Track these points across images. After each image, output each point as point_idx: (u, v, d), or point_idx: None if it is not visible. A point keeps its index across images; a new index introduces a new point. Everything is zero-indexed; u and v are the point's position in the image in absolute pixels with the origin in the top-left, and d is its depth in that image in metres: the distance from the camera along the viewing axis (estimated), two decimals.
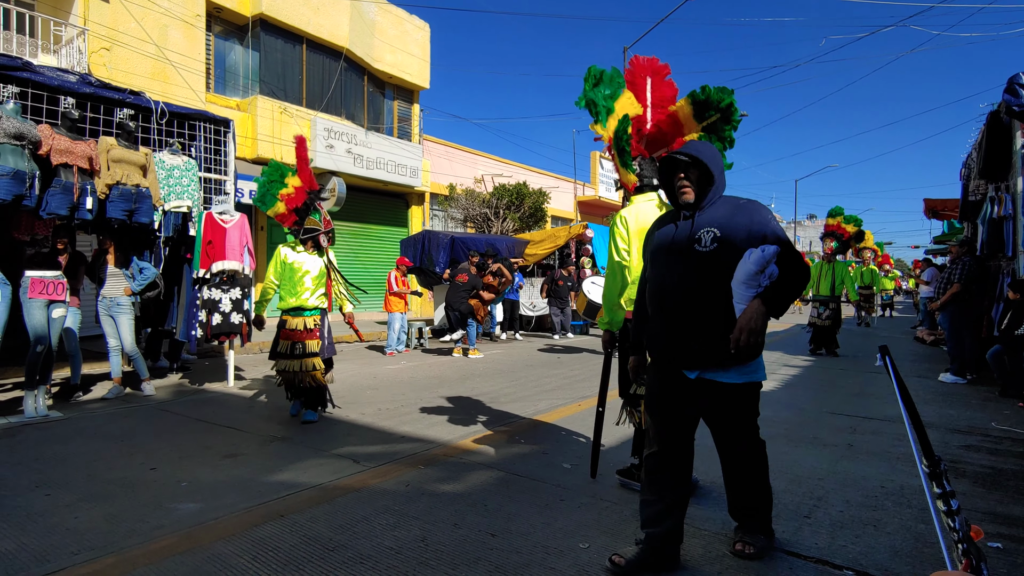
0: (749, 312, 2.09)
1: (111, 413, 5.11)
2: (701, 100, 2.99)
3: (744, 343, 2.08)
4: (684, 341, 2.28)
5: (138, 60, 10.25)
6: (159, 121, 6.29)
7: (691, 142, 2.34)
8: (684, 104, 3.07)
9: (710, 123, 3.03)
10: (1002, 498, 3.22)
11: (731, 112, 2.98)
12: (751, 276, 2.07)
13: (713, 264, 2.22)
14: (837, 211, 9.99)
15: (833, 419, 5.01)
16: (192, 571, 2.35)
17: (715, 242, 2.23)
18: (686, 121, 3.09)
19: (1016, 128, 7.01)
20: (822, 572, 2.38)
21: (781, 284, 2.11)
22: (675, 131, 3.16)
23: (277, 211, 5.18)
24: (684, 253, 2.28)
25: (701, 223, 2.29)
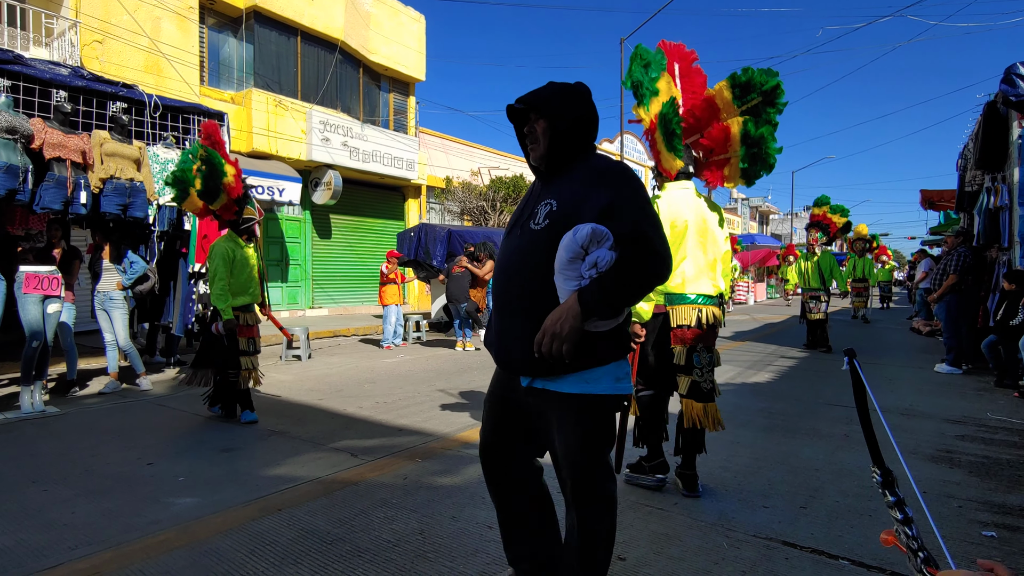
0: (559, 312, 1.58)
1: (108, 408, 5.10)
2: (742, 82, 2.86)
3: (547, 351, 1.57)
4: (509, 338, 1.76)
5: (131, 53, 10.16)
6: (153, 115, 6.25)
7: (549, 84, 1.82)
8: (723, 87, 2.96)
9: (751, 106, 2.90)
10: (996, 487, 3.24)
11: (775, 95, 2.84)
12: (566, 265, 1.60)
13: (543, 246, 1.67)
14: (823, 200, 9.58)
15: (830, 410, 5.03)
16: (189, 565, 2.35)
17: (547, 218, 1.69)
18: (724, 106, 2.97)
19: (1013, 118, 7.00)
20: (818, 562, 2.39)
21: (609, 278, 1.55)
22: (711, 115, 3.05)
23: (195, 205, 4.86)
24: (521, 230, 1.78)
25: (546, 193, 1.77)
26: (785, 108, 2.87)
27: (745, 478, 3.36)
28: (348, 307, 14.94)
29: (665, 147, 3.01)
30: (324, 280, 14.42)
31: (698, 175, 3.23)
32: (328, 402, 5.34)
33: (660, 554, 2.45)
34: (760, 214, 51.70)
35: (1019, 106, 6.77)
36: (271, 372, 6.97)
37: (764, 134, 2.87)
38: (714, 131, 3.01)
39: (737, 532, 2.66)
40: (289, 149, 12.49)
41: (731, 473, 3.44)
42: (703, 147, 3.10)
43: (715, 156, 3.08)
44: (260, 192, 11.46)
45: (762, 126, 2.85)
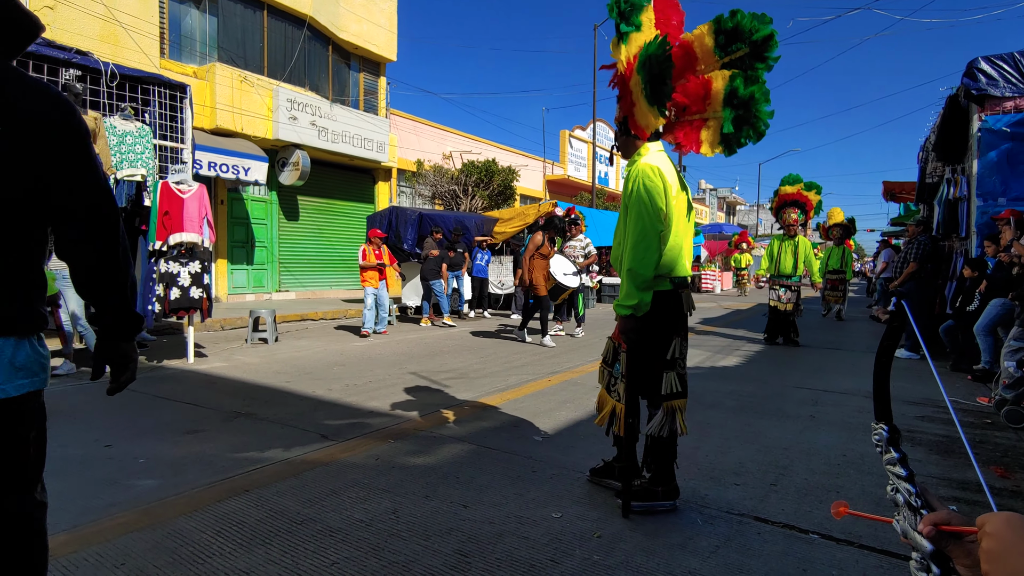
0: None
1: (62, 390, 4.88)
2: (729, 28, 2.33)
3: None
4: None
5: (85, 21, 9.66)
6: (109, 84, 5.94)
7: None
8: (705, 33, 2.40)
9: (735, 58, 2.37)
10: (955, 464, 3.35)
11: (767, 47, 2.31)
12: None
13: None
14: (794, 179, 8.34)
15: (796, 392, 5.14)
16: (152, 547, 2.25)
17: None
18: (704, 55, 2.43)
19: (974, 112, 7.21)
20: (789, 536, 2.43)
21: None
22: (686, 65, 2.48)
23: None
24: None
25: None
26: (776, 62, 2.37)
27: (716, 457, 3.40)
28: (316, 291, 14.65)
29: (646, 97, 2.49)
30: (291, 263, 14.10)
31: (666, 136, 2.70)
32: (296, 384, 5.21)
33: (635, 530, 2.46)
34: (727, 204, 52.61)
35: (980, 100, 6.98)
36: (236, 355, 6.79)
37: (755, 93, 2.36)
38: (691, 85, 2.48)
39: (710, 508, 2.69)
40: (255, 127, 12.11)
41: (703, 452, 3.48)
42: (676, 103, 2.55)
43: (688, 115, 2.55)
44: (225, 171, 11.11)
45: (751, 84, 2.35)
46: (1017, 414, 4.17)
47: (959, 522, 0.73)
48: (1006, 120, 6.64)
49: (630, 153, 2.75)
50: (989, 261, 6.15)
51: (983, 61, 6.94)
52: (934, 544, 0.73)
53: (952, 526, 0.73)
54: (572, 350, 7.45)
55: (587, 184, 22.37)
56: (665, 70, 2.41)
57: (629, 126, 2.70)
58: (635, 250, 2.49)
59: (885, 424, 0.93)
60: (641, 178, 2.53)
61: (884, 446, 0.94)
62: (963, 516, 0.74)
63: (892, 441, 0.90)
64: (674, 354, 2.66)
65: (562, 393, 4.96)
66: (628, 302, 2.53)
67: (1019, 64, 6.80)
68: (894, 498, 0.88)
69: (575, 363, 6.44)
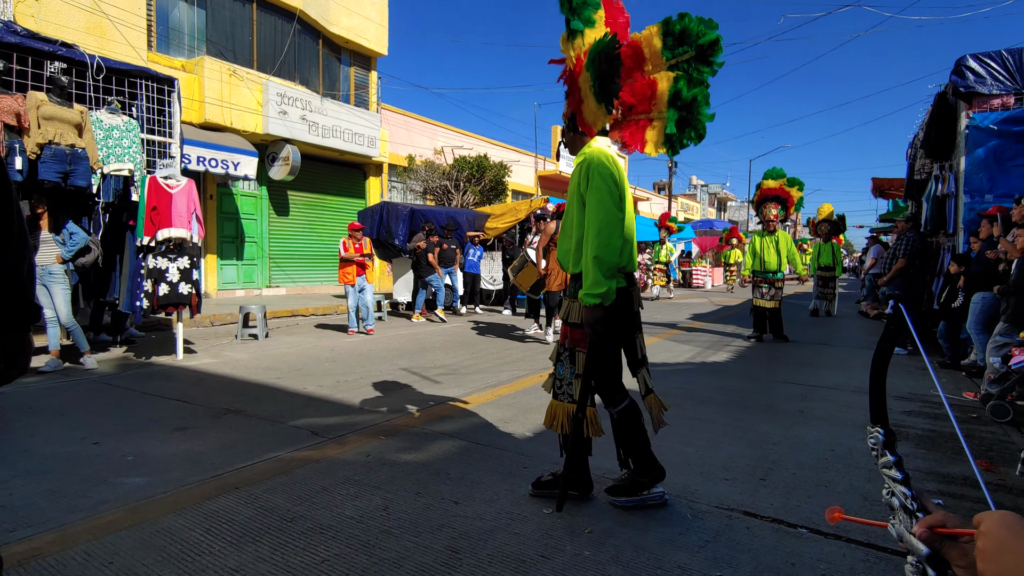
0: None
1: (49, 387, 4.83)
2: (677, 31, 2.35)
3: None
4: None
5: (71, 12, 9.52)
6: (95, 77, 5.87)
7: None
8: (653, 34, 2.41)
9: (681, 60, 2.40)
10: (941, 458, 3.39)
11: (712, 51, 2.35)
12: None
13: None
14: (777, 173, 8.07)
15: (785, 387, 5.18)
16: (140, 545, 2.24)
17: None
18: (652, 56, 2.44)
19: (962, 109, 7.27)
20: (778, 531, 2.45)
21: None
22: (634, 65, 2.49)
23: None
24: None
25: None
26: (720, 69, 2.40)
27: (706, 452, 3.42)
28: (307, 287, 14.57)
29: (595, 94, 2.45)
30: (282, 259, 14.01)
31: (611, 134, 2.68)
32: (286, 381, 5.19)
33: (625, 525, 2.47)
34: (719, 200, 52.80)
35: (968, 97, 7.03)
36: (226, 351, 6.74)
37: (697, 96, 2.40)
38: (638, 85, 2.49)
39: (700, 503, 2.71)
40: (244, 121, 12.00)
41: (693, 448, 3.50)
42: (623, 102, 2.55)
43: (635, 114, 2.55)
44: (214, 165, 11.01)
45: (695, 87, 2.39)
46: (1002, 408, 4.22)
47: (955, 524, 0.73)
48: (993, 117, 6.70)
49: (577, 149, 2.73)
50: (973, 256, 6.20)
51: (971, 59, 7.00)
52: (929, 547, 0.73)
53: (948, 528, 0.72)
54: None
55: None
56: (614, 67, 2.38)
57: (577, 123, 2.65)
58: (600, 236, 2.40)
59: (881, 427, 0.93)
60: (598, 165, 2.46)
61: (880, 449, 0.94)
62: (959, 518, 0.74)
63: (888, 444, 0.90)
64: (643, 351, 2.76)
65: None
66: (597, 290, 2.39)
67: (1006, 62, 6.86)
68: (889, 502, 0.88)
69: None
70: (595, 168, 2.46)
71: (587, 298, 2.42)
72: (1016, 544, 0.59)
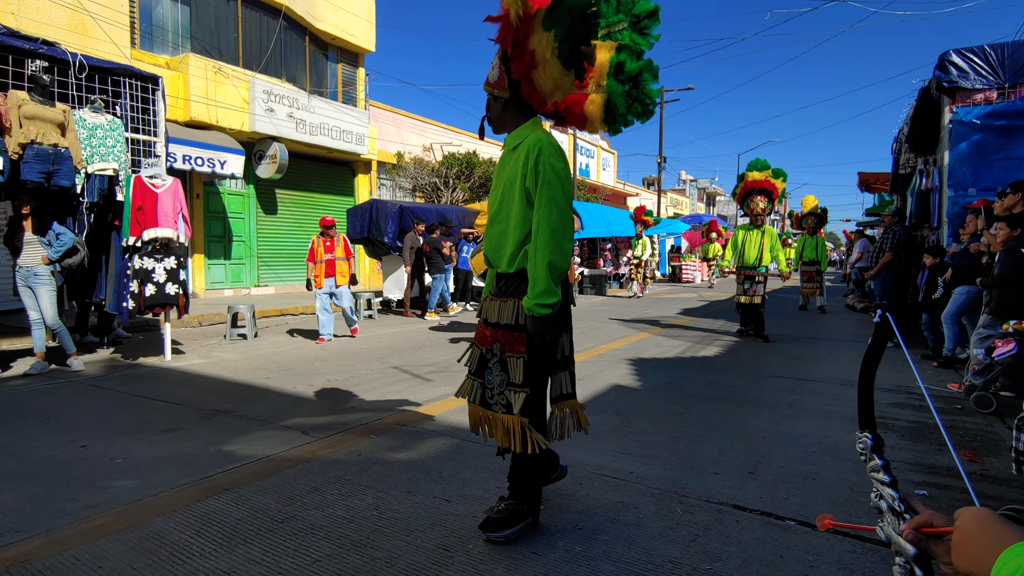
0: None
1: (35, 390, 4.78)
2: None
3: None
4: None
5: (52, 9, 9.37)
6: (78, 75, 5.79)
7: None
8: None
9: (615, 31, 2.22)
10: (927, 449, 3.44)
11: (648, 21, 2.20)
12: None
13: None
14: (762, 164, 7.65)
15: (774, 381, 5.23)
16: (130, 549, 2.22)
17: None
18: None
19: (945, 103, 7.35)
20: (767, 523, 2.48)
21: None
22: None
23: None
24: None
25: None
26: (657, 41, 2.24)
27: (696, 447, 3.45)
28: (296, 285, 14.49)
29: (562, 59, 2.12)
30: (270, 257, 13.91)
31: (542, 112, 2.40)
32: (276, 381, 5.17)
33: (617, 521, 2.49)
34: (708, 195, 53.05)
35: (951, 91, 7.11)
36: (215, 351, 6.70)
37: (643, 70, 2.23)
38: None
39: (690, 498, 2.73)
40: (230, 119, 11.88)
41: (683, 442, 3.52)
42: None
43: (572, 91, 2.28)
44: (200, 164, 10.90)
45: (637, 60, 2.22)
46: (986, 400, 4.29)
47: (941, 523, 0.75)
48: (976, 112, 6.78)
49: (509, 128, 2.34)
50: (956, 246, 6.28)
51: (954, 54, 7.08)
52: (917, 547, 0.75)
53: (933, 527, 0.75)
54: None
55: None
56: (591, 28, 2.12)
57: (522, 93, 2.25)
58: (554, 240, 2.13)
59: (870, 433, 0.95)
60: (550, 156, 2.17)
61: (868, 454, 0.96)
62: (944, 516, 0.76)
63: (876, 449, 0.92)
64: (564, 351, 2.43)
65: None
66: (549, 299, 2.13)
67: (989, 57, 6.95)
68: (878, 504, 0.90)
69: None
70: (548, 161, 2.17)
71: (539, 308, 2.13)
72: (983, 537, 0.62)
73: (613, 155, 28.38)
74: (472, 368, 2.39)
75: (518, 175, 2.21)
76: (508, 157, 2.31)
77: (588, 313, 11.04)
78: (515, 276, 2.29)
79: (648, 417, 4.06)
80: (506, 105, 2.31)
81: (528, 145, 2.21)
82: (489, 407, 2.31)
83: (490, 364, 2.31)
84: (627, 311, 11.45)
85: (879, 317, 1.11)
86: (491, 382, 2.31)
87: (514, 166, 2.24)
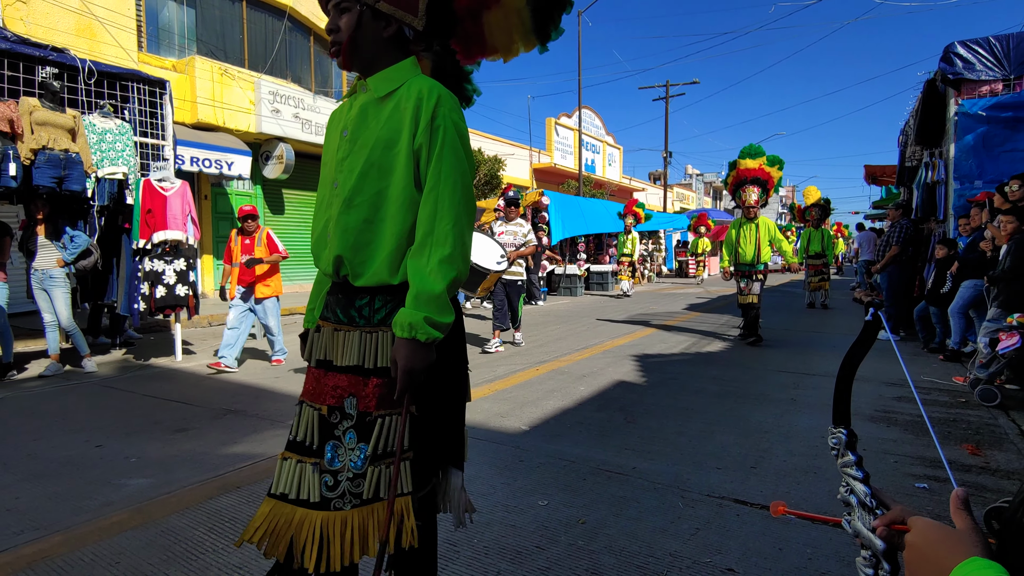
0: None
1: (50, 391, 4.88)
2: None
3: None
4: None
5: (60, 15, 9.48)
6: (87, 81, 5.88)
7: None
8: None
9: None
10: (929, 443, 3.45)
11: None
12: None
13: None
14: (756, 151, 7.03)
15: (778, 376, 5.25)
16: (146, 545, 2.30)
17: None
18: None
19: (950, 96, 7.32)
20: (766, 517, 2.52)
21: None
22: None
23: None
24: None
25: None
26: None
27: (699, 442, 3.49)
28: (304, 284, 14.60)
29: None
30: None
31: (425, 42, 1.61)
32: (285, 380, 5.24)
33: (619, 515, 2.54)
34: (714, 190, 52.83)
35: (956, 84, 7.08)
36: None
37: None
38: None
39: (692, 492, 2.77)
40: (237, 120, 11.98)
41: (686, 438, 3.56)
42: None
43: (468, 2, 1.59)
44: (208, 166, 11.00)
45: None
46: (990, 393, 4.29)
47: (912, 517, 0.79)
48: (982, 104, 6.75)
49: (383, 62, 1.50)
50: (961, 241, 6.28)
51: (959, 46, 7.04)
52: (887, 542, 0.79)
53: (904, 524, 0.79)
54: (561, 339, 7.52)
55: (574, 172, 22.37)
56: None
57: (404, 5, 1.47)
58: (458, 229, 1.42)
59: (844, 428, 0.98)
60: (451, 112, 1.45)
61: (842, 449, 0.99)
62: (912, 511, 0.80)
63: (850, 445, 0.95)
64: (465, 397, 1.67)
65: (549, 382, 5.03)
66: (446, 318, 1.39)
67: (994, 48, 6.91)
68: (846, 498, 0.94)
69: (563, 352, 6.51)
70: (450, 117, 1.44)
71: (430, 328, 1.36)
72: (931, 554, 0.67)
73: (619, 150, 28.33)
74: (308, 441, 1.45)
75: (401, 135, 1.44)
76: (371, 109, 1.49)
77: (590, 307, 11.08)
78: (390, 292, 1.48)
79: (652, 413, 4.10)
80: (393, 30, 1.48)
81: (415, 93, 1.43)
82: (330, 506, 1.38)
83: (337, 433, 1.43)
84: (612, 311, 11.46)
85: (871, 316, 1.09)
86: (338, 464, 1.41)
87: (389, 122, 1.46)
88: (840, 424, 0.98)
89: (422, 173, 1.45)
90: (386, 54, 1.51)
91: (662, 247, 22.27)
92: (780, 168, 7.09)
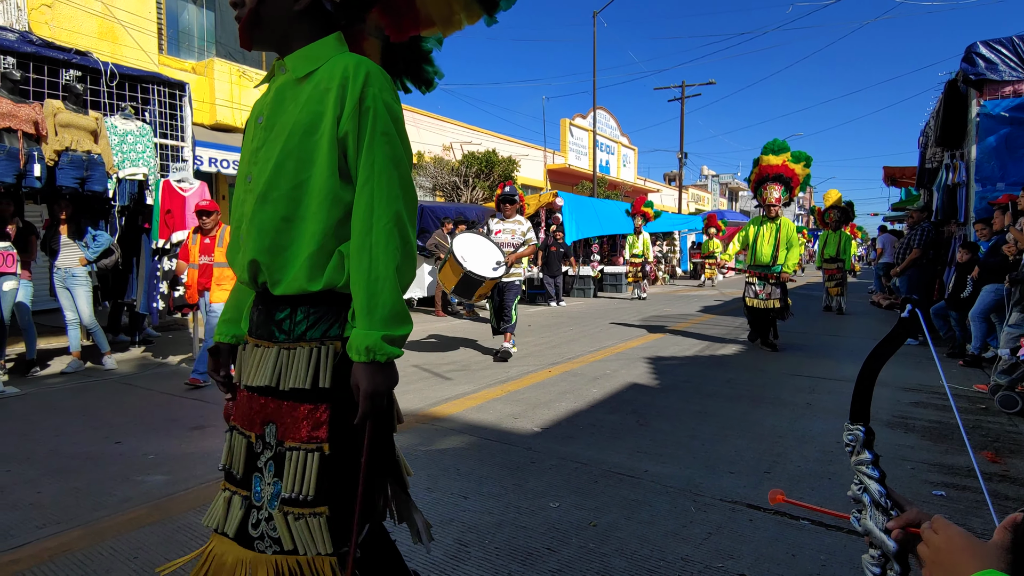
0: None
1: (71, 388, 4.98)
2: None
3: None
4: None
5: (83, 18, 9.67)
6: (109, 84, 5.99)
7: None
8: None
9: None
10: (947, 450, 3.41)
11: None
12: None
13: None
14: (780, 146, 6.64)
15: (793, 380, 5.20)
16: (163, 541, 2.34)
17: None
18: None
19: (972, 96, 7.20)
20: (780, 523, 2.50)
21: None
22: None
23: None
24: None
25: None
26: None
27: (712, 446, 3.47)
28: None
29: None
30: None
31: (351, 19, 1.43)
32: None
33: (631, 519, 2.53)
34: (730, 191, 52.41)
35: (979, 84, 6.96)
36: None
37: None
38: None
39: (704, 496, 2.76)
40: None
41: (699, 441, 3.55)
42: None
43: None
44: (226, 166, 11.15)
45: None
46: (1010, 399, 4.22)
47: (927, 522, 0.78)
48: (1005, 105, 6.63)
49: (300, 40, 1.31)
50: (983, 245, 6.17)
51: (982, 46, 6.92)
52: (900, 545, 0.79)
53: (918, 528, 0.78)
54: (573, 340, 7.52)
55: (588, 173, 22.32)
56: None
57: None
58: (400, 226, 1.24)
59: (863, 425, 0.97)
60: (382, 87, 1.25)
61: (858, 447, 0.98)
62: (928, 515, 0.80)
63: (867, 443, 0.94)
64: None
65: (562, 384, 5.03)
66: (402, 330, 1.23)
67: (1018, 48, 6.78)
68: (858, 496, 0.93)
69: (576, 353, 6.51)
70: (381, 97, 1.25)
71: (388, 346, 1.19)
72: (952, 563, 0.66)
73: (634, 151, 28.23)
74: (236, 470, 1.31)
75: (323, 119, 1.24)
76: (289, 91, 1.31)
77: (603, 311, 11.05)
78: (311, 301, 1.28)
79: (665, 416, 4.09)
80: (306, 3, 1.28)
81: (339, 72, 1.24)
82: (253, 546, 1.25)
83: (260, 464, 1.28)
84: (625, 313, 11.41)
85: (907, 313, 0.98)
86: (259, 499, 1.27)
87: (308, 104, 1.25)
88: (858, 421, 0.97)
89: (350, 163, 1.25)
90: (301, 30, 1.31)
91: (676, 248, 22.11)
92: (807, 165, 6.70)
